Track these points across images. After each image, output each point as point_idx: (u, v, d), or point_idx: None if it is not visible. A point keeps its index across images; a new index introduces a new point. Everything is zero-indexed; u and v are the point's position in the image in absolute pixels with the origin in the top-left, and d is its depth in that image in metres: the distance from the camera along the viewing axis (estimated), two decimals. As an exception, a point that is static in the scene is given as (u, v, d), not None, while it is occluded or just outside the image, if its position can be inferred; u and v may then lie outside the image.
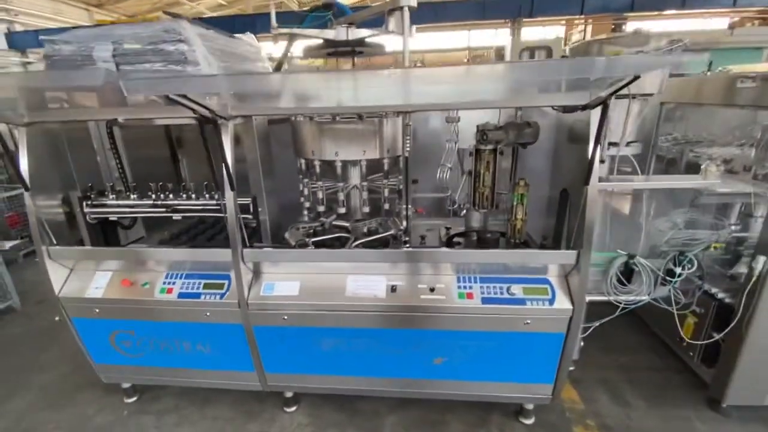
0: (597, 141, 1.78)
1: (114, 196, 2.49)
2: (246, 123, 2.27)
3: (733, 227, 2.35)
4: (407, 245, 2.33)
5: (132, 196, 2.48)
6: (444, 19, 13.73)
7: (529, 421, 2.54)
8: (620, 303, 2.23)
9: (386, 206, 2.56)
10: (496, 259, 2.16)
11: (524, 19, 13.39)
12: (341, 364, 2.43)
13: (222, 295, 2.28)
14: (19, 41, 12.27)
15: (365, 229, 2.52)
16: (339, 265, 2.27)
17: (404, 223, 2.41)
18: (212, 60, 2.16)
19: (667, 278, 2.15)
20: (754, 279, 2.24)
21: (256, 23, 10.02)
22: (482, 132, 2.23)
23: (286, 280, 2.29)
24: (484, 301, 2.13)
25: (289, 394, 2.65)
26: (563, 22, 17.33)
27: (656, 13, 12.25)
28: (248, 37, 2.66)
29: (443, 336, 2.22)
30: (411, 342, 2.27)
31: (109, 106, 2.20)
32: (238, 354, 2.42)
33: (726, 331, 2.43)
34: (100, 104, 2.22)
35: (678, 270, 2.11)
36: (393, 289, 2.20)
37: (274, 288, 2.28)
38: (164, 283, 2.35)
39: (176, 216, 2.41)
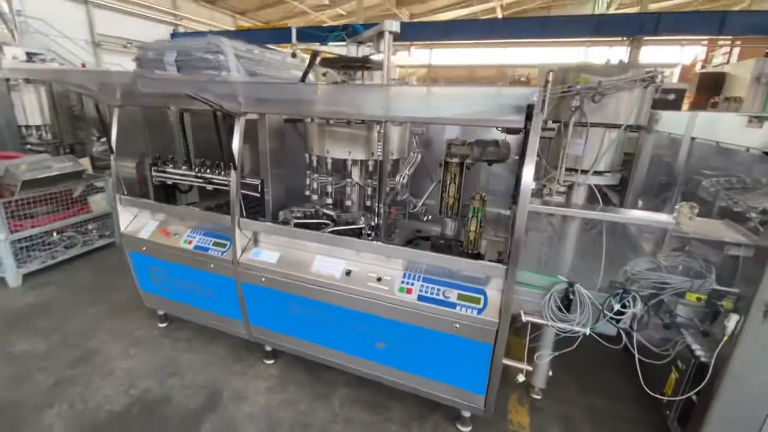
0: (521, 164, 1.87)
1: (172, 165, 3.26)
2: (261, 119, 2.81)
3: (712, 278, 2.13)
4: (370, 238, 2.62)
5: (183, 168, 3.22)
6: (550, 35, 13.19)
7: (466, 429, 2.61)
8: (558, 330, 2.21)
9: (368, 203, 2.87)
10: (425, 260, 2.35)
11: (646, 38, 12.21)
12: (309, 331, 2.82)
13: (223, 252, 2.86)
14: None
15: (348, 220, 2.88)
16: (312, 245, 2.68)
17: (376, 219, 2.71)
18: (240, 67, 2.75)
19: (605, 312, 2.08)
20: (725, 339, 2.03)
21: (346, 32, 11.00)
22: (449, 146, 2.43)
23: (271, 250, 2.78)
24: (420, 298, 2.33)
25: (268, 348, 3.14)
26: (704, 42, 15.21)
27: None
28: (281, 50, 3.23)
29: (383, 323, 2.47)
30: (358, 322, 2.56)
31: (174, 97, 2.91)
32: (231, 303, 2.99)
33: (696, 390, 2.22)
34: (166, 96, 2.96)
35: (616, 306, 2.03)
36: (348, 273, 2.52)
37: (260, 254, 2.78)
38: (187, 236, 3.03)
39: (210, 186, 3.07)
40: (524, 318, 2.26)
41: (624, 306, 2.04)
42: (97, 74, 3.15)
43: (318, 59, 3.11)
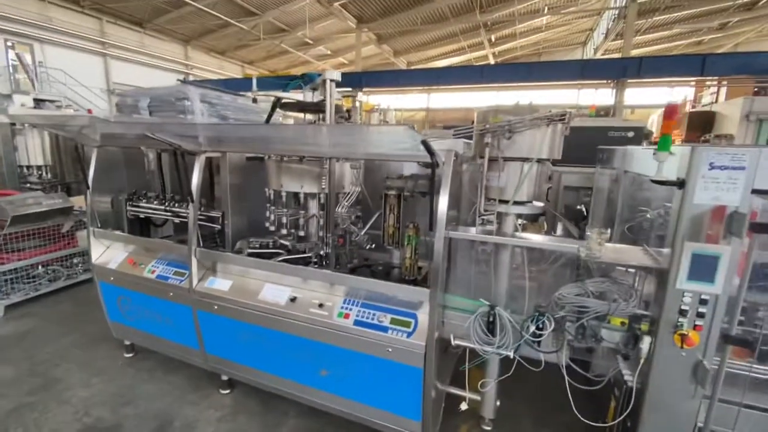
0: (432, 194, 2.05)
1: (145, 200, 3.50)
2: (223, 157, 3.07)
3: (630, 302, 2.22)
4: (316, 266, 2.77)
5: (155, 202, 3.46)
6: (537, 79, 13.85)
7: (410, 460, 2.60)
8: (483, 353, 2.27)
9: (320, 233, 3.04)
10: (358, 285, 2.49)
11: (630, 80, 12.77)
12: (260, 359, 2.90)
13: (181, 281, 3.01)
14: (185, 88, 16.28)
15: (301, 249, 3.04)
16: (262, 273, 2.82)
17: (325, 248, 2.87)
18: (205, 111, 3.05)
19: (522, 333, 2.15)
20: (642, 361, 2.09)
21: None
22: (386, 179, 2.63)
23: (225, 278, 2.92)
24: (356, 323, 2.43)
25: (225, 378, 3.20)
26: (692, 83, 15.81)
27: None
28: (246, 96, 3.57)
29: (324, 349, 2.55)
30: (302, 349, 2.64)
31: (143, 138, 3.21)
32: (189, 332, 3.09)
33: (624, 415, 2.24)
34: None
35: (532, 328, 2.12)
36: (293, 299, 2.64)
37: (215, 283, 2.92)
38: (152, 266, 3.20)
39: (177, 219, 3.28)
40: (453, 341, 2.34)
41: (539, 328, 2.12)
42: (80, 118, 3.49)
43: (276, 105, 3.44)
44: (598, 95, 15.49)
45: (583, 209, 4.72)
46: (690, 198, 1.80)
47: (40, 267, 4.82)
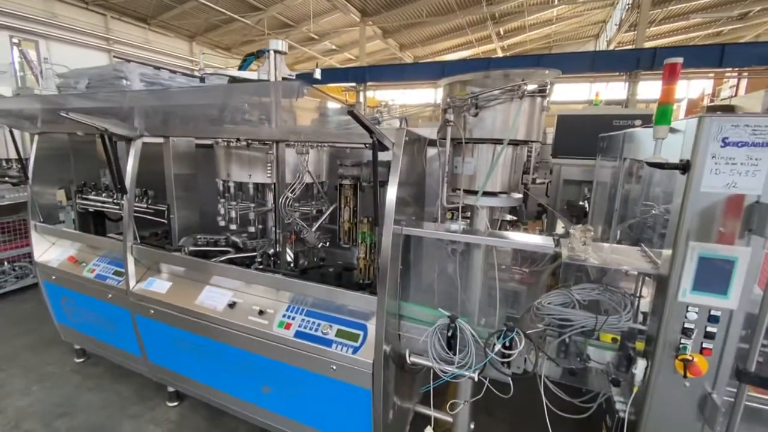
0: (375, 181, 1.68)
1: (95, 193, 3.20)
2: (166, 143, 2.74)
3: (623, 314, 1.80)
4: (261, 266, 2.42)
5: (104, 195, 3.16)
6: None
7: (363, 492, 2.23)
8: (442, 374, 1.89)
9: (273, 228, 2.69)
10: (300, 290, 2.12)
11: (643, 72, 12.12)
12: (202, 371, 2.57)
13: (119, 282, 2.70)
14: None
15: (252, 247, 2.69)
16: (204, 275, 2.49)
17: (277, 246, 2.52)
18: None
19: (487, 351, 1.76)
20: (635, 389, 1.68)
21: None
22: (339, 167, 2.26)
23: (165, 279, 2.60)
24: (297, 334, 2.07)
25: (171, 389, 2.88)
26: (711, 75, 15.01)
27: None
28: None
29: (265, 364, 2.20)
30: (242, 363, 2.30)
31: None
32: (129, 337, 2.78)
33: (616, 455, 1.83)
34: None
35: (498, 345, 1.72)
36: (232, 305, 2.30)
37: (153, 284, 2.60)
38: (92, 264, 2.90)
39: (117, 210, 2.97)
40: (409, 359, 1.96)
41: (507, 345, 1.73)
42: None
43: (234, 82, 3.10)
44: (609, 89, 14.82)
45: (586, 205, 4.28)
46: (696, 185, 1.39)
47: (6, 263, 4.60)
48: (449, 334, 1.81)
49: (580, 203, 4.47)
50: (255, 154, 2.54)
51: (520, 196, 2.09)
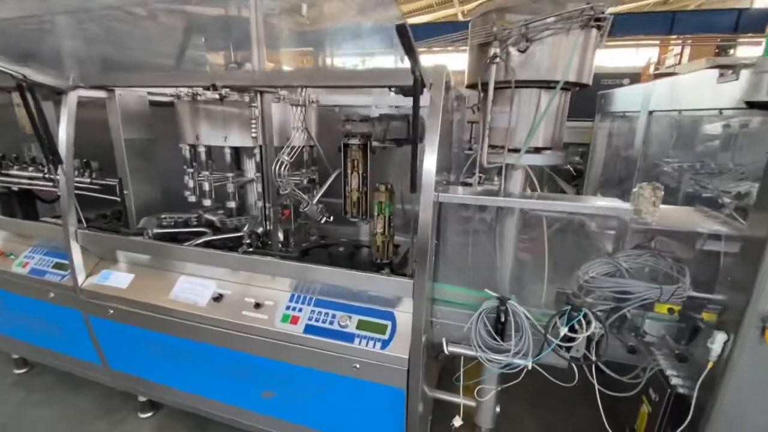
0: (415, 133, 1.29)
1: (18, 167, 2.53)
2: (110, 98, 2.14)
3: (686, 282, 1.59)
4: (251, 248, 1.98)
5: (30, 169, 2.49)
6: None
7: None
8: (490, 365, 1.61)
9: (259, 203, 2.23)
10: (309, 276, 1.73)
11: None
12: (181, 377, 2.13)
13: (63, 277, 2.15)
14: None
15: (234, 227, 2.23)
16: (177, 263, 2.01)
17: (266, 224, 2.08)
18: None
19: (549, 338, 1.50)
20: (710, 365, 1.49)
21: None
22: (344, 123, 1.83)
23: (124, 271, 2.09)
24: (308, 329, 1.69)
25: (142, 399, 2.42)
26: (657, 43, 15.48)
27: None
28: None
29: (267, 366, 1.81)
30: (236, 366, 1.89)
31: None
32: (83, 343, 2.26)
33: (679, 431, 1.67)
34: None
35: (563, 330, 1.46)
36: (217, 298, 1.86)
37: (109, 278, 2.08)
38: (24, 256, 2.30)
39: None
40: (447, 349, 1.66)
41: (573, 329, 1.47)
42: None
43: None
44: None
45: (571, 169, 4.13)
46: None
47: None
48: (501, 318, 1.51)
49: (565, 167, 4.29)
50: (231, 109, 2.03)
51: (563, 153, 1.79)
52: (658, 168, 2.49)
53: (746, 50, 11.11)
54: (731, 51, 11.20)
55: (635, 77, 4.36)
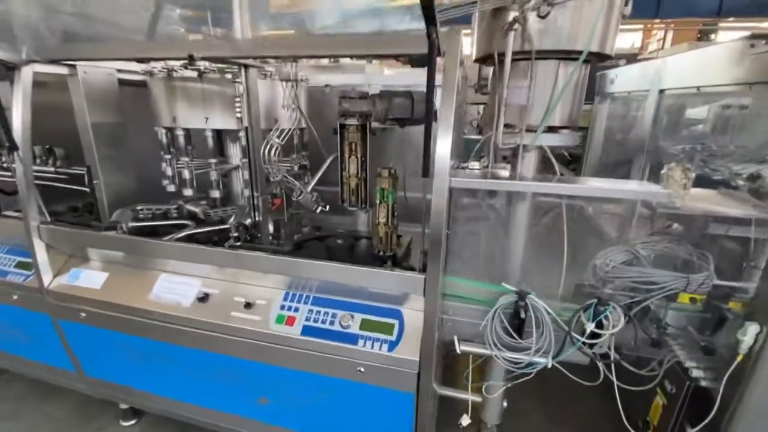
0: (429, 109, 1.12)
1: (-30, 155, 2.25)
2: (73, 77, 1.89)
3: (711, 270, 1.49)
4: (239, 242, 1.79)
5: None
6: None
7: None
8: (509, 365, 1.49)
9: (246, 191, 2.04)
10: (303, 271, 1.56)
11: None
12: (166, 385, 1.95)
13: (27, 278, 1.92)
14: None
15: (219, 219, 2.03)
16: (156, 259, 1.81)
17: (255, 215, 1.89)
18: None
19: (574, 337, 1.38)
20: (739, 357, 1.40)
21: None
22: (341, 101, 1.64)
23: (96, 269, 1.88)
24: (306, 331, 1.54)
25: (124, 406, 2.23)
26: (641, 27, 15.50)
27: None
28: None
29: (261, 371, 1.65)
30: (227, 371, 1.73)
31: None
32: (54, 348, 2.05)
33: (699, 427, 1.59)
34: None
35: (590, 327, 1.34)
36: (203, 298, 1.68)
37: (79, 277, 1.87)
38: (-18, 255, 2.06)
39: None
40: (459, 348, 1.53)
41: (600, 325, 1.35)
42: None
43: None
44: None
45: (566, 153, 4.04)
46: None
47: None
48: (521, 314, 1.38)
49: (560, 151, 4.19)
50: (211, 87, 1.82)
51: (579, 133, 1.65)
52: (666, 150, 2.39)
53: (728, 35, 11.16)
54: (712, 36, 11.24)
55: (632, 58, 4.25)
